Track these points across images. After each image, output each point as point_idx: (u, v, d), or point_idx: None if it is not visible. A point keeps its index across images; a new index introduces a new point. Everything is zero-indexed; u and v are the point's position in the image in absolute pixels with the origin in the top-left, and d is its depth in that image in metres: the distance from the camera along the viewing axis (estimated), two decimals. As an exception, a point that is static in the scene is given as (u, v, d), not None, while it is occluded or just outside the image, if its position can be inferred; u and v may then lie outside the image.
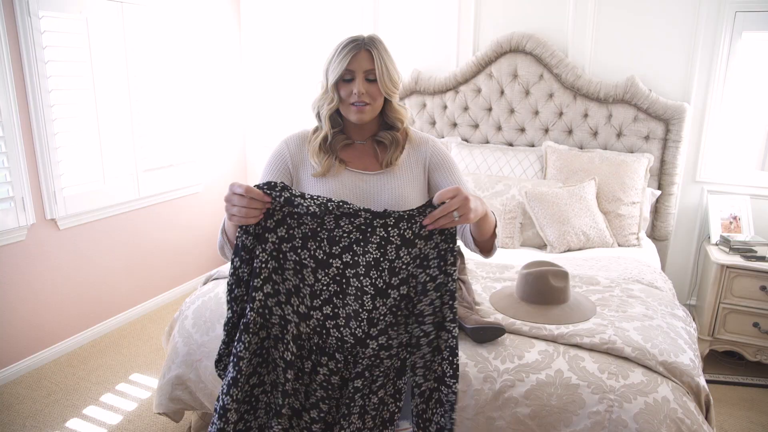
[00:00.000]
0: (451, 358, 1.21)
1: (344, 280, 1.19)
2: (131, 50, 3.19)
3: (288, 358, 1.20)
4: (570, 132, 3.31)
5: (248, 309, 1.19)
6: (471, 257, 2.61)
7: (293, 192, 1.16)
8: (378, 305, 1.18)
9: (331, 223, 1.18)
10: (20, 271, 2.76)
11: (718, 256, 2.84)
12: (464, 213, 1.14)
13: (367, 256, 1.17)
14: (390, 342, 1.22)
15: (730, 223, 3.03)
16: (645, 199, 3.03)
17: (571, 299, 2.04)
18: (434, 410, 1.24)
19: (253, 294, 1.18)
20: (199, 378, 2.15)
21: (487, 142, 3.54)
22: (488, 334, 1.84)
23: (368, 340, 1.19)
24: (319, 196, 1.18)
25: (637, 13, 3.08)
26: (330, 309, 1.20)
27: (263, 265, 1.18)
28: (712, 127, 3.09)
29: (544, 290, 1.99)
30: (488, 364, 1.79)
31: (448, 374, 1.23)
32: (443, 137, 3.64)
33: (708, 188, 3.14)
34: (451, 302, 1.19)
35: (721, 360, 3.02)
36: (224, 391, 1.23)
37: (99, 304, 3.22)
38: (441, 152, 1.55)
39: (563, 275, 2.02)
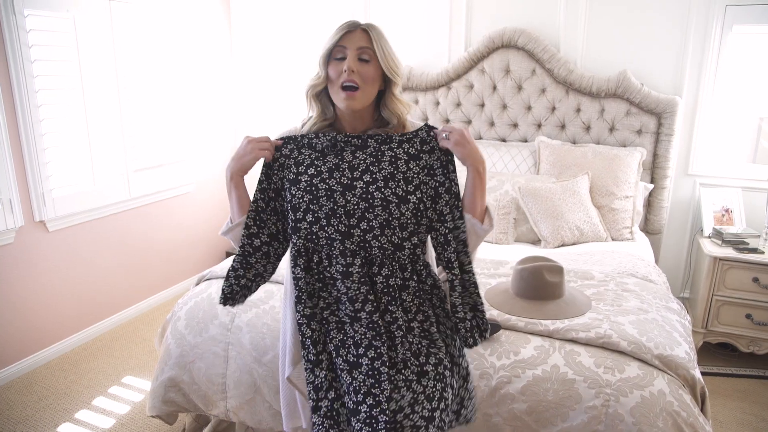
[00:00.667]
0: (465, 249, 1.38)
1: (369, 196, 1.34)
2: (120, 49, 3.15)
3: (341, 270, 1.36)
4: (563, 127, 3.30)
5: (296, 238, 1.38)
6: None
7: (309, 135, 1.40)
8: (403, 211, 1.34)
9: (348, 156, 1.37)
10: (9, 275, 2.72)
11: (711, 248, 2.85)
12: (469, 141, 1.35)
13: (383, 171, 1.35)
14: (420, 240, 1.39)
15: (723, 215, 3.04)
16: (638, 193, 3.03)
17: (567, 294, 2.03)
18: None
19: (298, 225, 1.37)
20: (193, 380, 2.13)
21: (480, 138, 3.53)
22: (484, 331, 1.83)
23: (404, 243, 1.36)
24: (326, 134, 1.38)
25: (629, 8, 3.08)
26: (366, 224, 1.34)
27: (300, 200, 1.36)
28: (704, 121, 3.09)
29: (539, 285, 1.99)
30: (484, 360, 1.78)
31: (465, 263, 1.37)
32: (436, 134, 3.63)
33: (700, 181, 3.15)
34: (457, 203, 1.37)
35: (715, 352, 3.03)
36: (294, 310, 1.42)
37: (90, 306, 3.18)
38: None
39: (558, 270, 2.02)
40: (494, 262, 2.45)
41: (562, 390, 1.67)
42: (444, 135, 1.35)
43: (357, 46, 1.33)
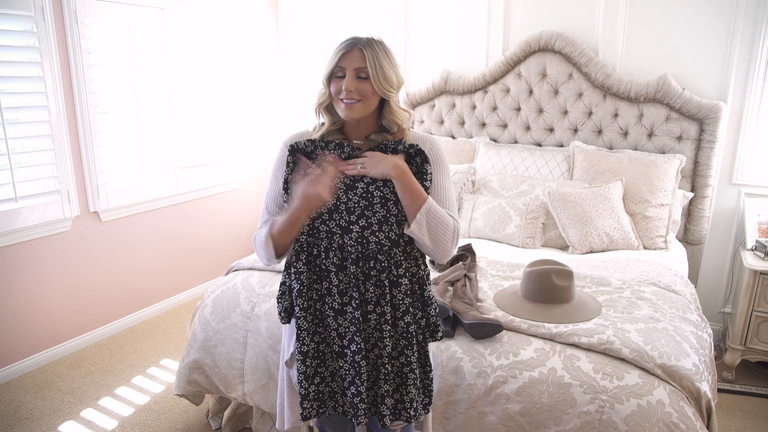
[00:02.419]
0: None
1: (369, 195, 1.42)
2: (170, 52, 3.38)
3: (336, 263, 1.44)
4: (599, 132, 3.23)
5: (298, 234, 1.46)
6: (483, 255, 2.61)
7: (317, 143, 1.48)
8: (400, 209, 1.43)
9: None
10: (65, 260, 2.99)
11: (752, 261, 2.71)
12: (375, 164, 1.42)
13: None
14: (411, 238, 1.47)
15: (770, 227, 2.87)
16: (675, 201, 2.92)
17: (576, 299, 2.01)
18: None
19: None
20: (215, 363, 2.27)
21: (516, 142, 3.51)
22: (485, 330, 1.85)
23: (399, 239, 1.45)
24: (333, 142, 1.47)
25: (671, 9, 2.97)
26: (365, 220, 1.42)
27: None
28: (751, 127, 2.93)
29: (547, 289, 1.98)
30: (483, 359, 1.80)
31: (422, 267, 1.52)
32: (472, 137, 3.65)
33: (746, 191, 2.99)
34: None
35: (756, 371, 2.87)
36: (294, 304, 1.50)
37: (137, 293, 3.43)
38: (437, 154, 1.53)
39: (567, 274, 2.00)
40: (510, 265, 2.45)
41: (557, 393, 1.67)
42: (359, 167, 1.42)
43: (354, 67, 1.41)
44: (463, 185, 3.21)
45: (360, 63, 1.41)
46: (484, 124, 3.60)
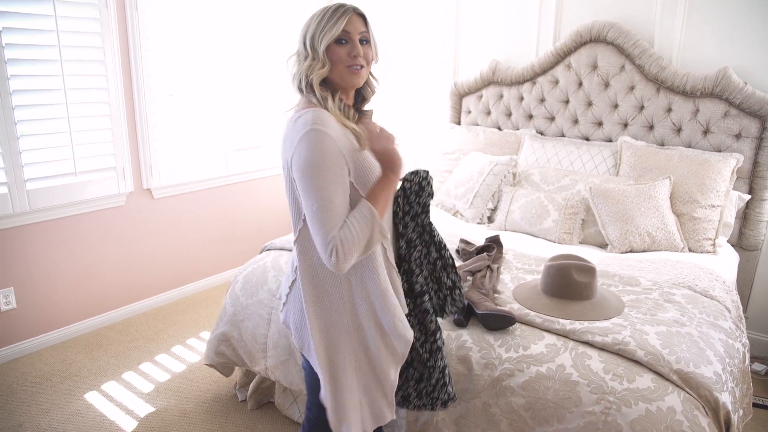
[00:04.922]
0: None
1: None
2: (225, 39, 3.51)
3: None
4: (651, 127, 3.07)
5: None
6: (511, 248, 2.57)
7: None
8: None
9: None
10: (119, 232, 3.20)
11: (812, 271, 2.50)
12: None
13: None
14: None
15: (836, 236, 2.64)
16: (729, 203, 2.74)
17: (597, 296, 1.94)
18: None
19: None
20: (241, 337, 2.37)
21: (563, 136, 3.40)
22: (497, 322, 1.83)
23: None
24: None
25: (736, -3, 2.77)
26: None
27: None
28: (821, 126, 2.70)
29: (566, 284, 1.92)
30: (492, 350, 1.78)
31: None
32: (518, 129, 3.57)
33: (812, 195, 2.76)
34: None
35: (811, 390, 2.66)
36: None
37: (184, 268, 3.61)
38: None
39: (589, 270, 1.93)
40: (537, 259, 2.39)
41: (562, 390, 1.63)
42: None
43: (359, 32, 1.42)
44: (504, 177, 3.16)
45: (363, 28, 1.43)
46: (531, 116, 3.51)
